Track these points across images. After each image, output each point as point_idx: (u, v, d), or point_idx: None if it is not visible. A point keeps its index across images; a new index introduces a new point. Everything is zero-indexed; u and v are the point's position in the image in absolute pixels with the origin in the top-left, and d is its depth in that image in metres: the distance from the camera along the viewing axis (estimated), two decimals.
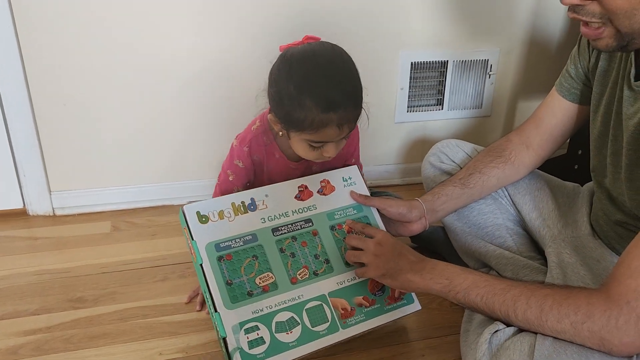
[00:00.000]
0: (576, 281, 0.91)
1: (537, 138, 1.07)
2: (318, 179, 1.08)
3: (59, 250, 1.38)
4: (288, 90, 0.93)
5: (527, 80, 1.70)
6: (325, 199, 1.07)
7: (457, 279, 0.85)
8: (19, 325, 1.12)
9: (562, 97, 1.03)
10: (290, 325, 0.95)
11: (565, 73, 1.03)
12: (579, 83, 1.00)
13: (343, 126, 0.94)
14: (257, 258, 0.98)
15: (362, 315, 1.01)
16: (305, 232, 1.03)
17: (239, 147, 1.09)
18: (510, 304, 0.79)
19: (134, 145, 1.50)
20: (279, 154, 1.10)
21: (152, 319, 1.14)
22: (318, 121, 0.92)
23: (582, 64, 0.99)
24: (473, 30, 1.60)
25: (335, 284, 1.01)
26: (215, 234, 0.97)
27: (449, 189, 1.07)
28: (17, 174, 1.47)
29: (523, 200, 1.12)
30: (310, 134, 0.95)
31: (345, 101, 0.92)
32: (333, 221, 1.06)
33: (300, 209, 1.05)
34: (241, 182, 1.12)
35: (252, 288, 0.96)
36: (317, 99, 0.91)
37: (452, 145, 1.20)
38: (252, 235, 0.99)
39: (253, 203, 1.02)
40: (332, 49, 0.97)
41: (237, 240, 0.98)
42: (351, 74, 0.96)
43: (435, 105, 1.67)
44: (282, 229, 1.02)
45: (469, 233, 1.14)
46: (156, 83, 1.44)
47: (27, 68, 1.36)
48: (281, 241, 1.01)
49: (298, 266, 1.00)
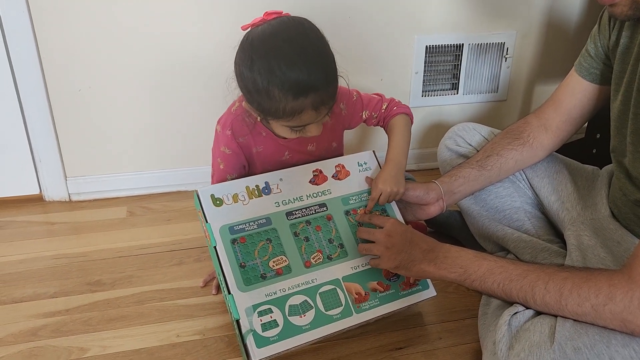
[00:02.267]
0: (596, 263, 0.90)
1: (556, 119, 1.05)
2: (333, 163, 1.07)
3: (75, 235, 1.39)
4: (254, 82, 0.88)
5: (544, 64, 1.68)
6: (340, 183, 1.07)
7: (471, 266, 0.85)
8: (39, 308, 1.13)
9: (582, 77, 1.01)
10: (303, 308, 0.95)
11: (584, 53, 1.01)
12: (599, 62, 0.99)
13: (319, 107, 0.90)
14: (271, 241, 0.98)
15: (377, 300, 1.00)
16: (319, 217, 1.03)
17: (222, 132, 1.04)
18: (528, 290, 0.78)
19: (149, 131, 1.50)
20: (265, 131, 1.05)
21: (169, 302, 1.15)
22: (291, 109, 0.88)
23: (602, 42, 0.97)
24: (489, 13, 1.57)
25: (349, 268, 1.01)
26: (230, 216, 0.97)
27: (466, 170, 1.06)
28: (34, 160, 1.48)
29: (541, 183, 1.10)
30: (287, 121, 0.92)
31: (315, 83, 0.86)
32: (348, 206, 1.05)
33: (315, 193, 1.04)
34: (233, 168, 1.07)
35: (266, 271, 0.96)
36: (284, 88, 0.86)
37: (469, 129, 1.19)
38: (266, 219, 0.99)
39: (267, 187, 1.01)
40: (294, 25, 0.90)
41: (251, 224, 0.98)
42: (317, 50, 0.89)
43: (451, 89, 1.66)
44: (296, 213, 1.02)
45: (487, 216, 1.13)
46: (171, 69, 1.44)
47: (42, 55, 1.37)
48: (295, 225, 1.01)
49: (312, 250, 1.00)
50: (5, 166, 1.47)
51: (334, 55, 0.92)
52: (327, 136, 1.10)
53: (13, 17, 1.31)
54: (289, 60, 0.86)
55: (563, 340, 0.73)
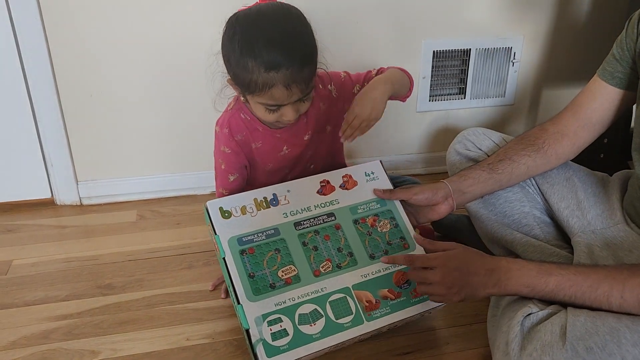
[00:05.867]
0: None
1: (574, 125, 1.04)
2: (340, 174, 1.08)
3: (86, 239, 1.41)
4: (234, 53, 0.93)
5: (552, 68, 1.68)
6: (348, 193, 1.07)
7: (538, 284, 0.83)
8: (50, 311, 1.15)
9: (605, 81, 1.00)
10: (313, 317, 0.95)
11: (609, 58, 1.00)
12: (624, 67, 0.97)
13: (291, 86, 0.91)
14: (280, 251, 0.98)
15: (388, 308, 0.99)
16: (327, 226, 1.03)
17: (221, 131, 1.08)
18: (604, 300, 0.78)
19: (159, 135, 1.52)
20: (261, 126, 1.07)
21: (179, 306, 1.16)
22: (262, 82, 0.91)
23: (629, 45, 0.96)
24: (496, 17, 1.58)
25: (359, 276, 1.00)
26: (238, 228, 0.98)
27: (476, 172, 1.06)
28: (45, 165, 1.50)
29: (551, 190, 1.10)
30: (260, 96, 0.94)
31: (287, 61, 0.89)
32: (356, 215, 1.06)
33: (323, 203, 1.05)
34: (233, 168, 1.10)
35: (275, 280, 0.96)
36: (257, 60, 0.90)
37: (479, 133, 1.19)
38: (274, 230, 1.00)
39: (275, 198, 1.02)
40: (280, 9, 0.95)
41: (259, 235, 0.99)
42: (296, 32, 0.93)
43: (458, 94, 1.66)
44: (304, 223, 1.02)
45: (495, 221, 1.13)
46: (182, 75, 1.46)
47: (54, 60, 1.39)
48: (303, 235, 1.01)
49: (321, 259, 1.00)
50: (18, 170, 1.49)
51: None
52: (321, 120, 1.12)
53: (26, 23, 1.33)
54: (268, 36, 0.91)
55: (575, 340, 0.74)
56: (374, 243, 1.04)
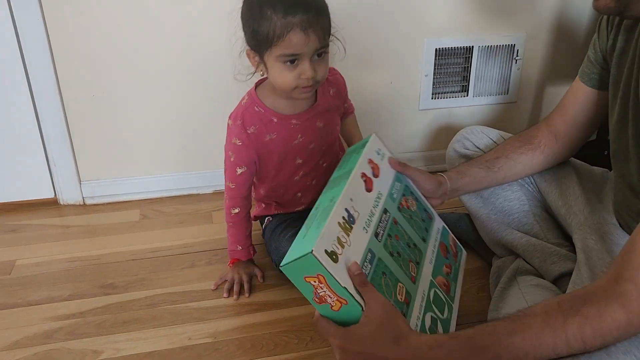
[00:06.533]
0: (601, 267, 0.89)
1: (563, 126, 1.05)
2: (365, 161, 0.97)
3: (89, 238, 1.41)
4: (252, 8, 0.98)
5: (554, 66, 1.67)
6: (379, 181, 0.96)
7: None
8: (53, 311, 1.16)
9: (583, 83, 1.01)
10: (434, 324, 0.87)
11: (586, 59, 1.01)
12: (597, 67, 0.98)
13: (308, 31, 0.95)
14: (385, 274, 0.84)
15: (452, 281, 0.97)
16: (391, 225, 0.91)
17: (234, 124, 1.10)
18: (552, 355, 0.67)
19: (162, 135, 1.52)
20: (275, 116, 1.10)
21: (181, 305, 1.17)
22: (281, 26, 0.94)
23: (601, 47, 0.96)
24: (499, 14, 1.57)
25: (429, 264, 0.94)
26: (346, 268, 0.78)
27: (474, 170, 1.06)
28: (48, 164, 1.51)
29: (549, 188, 1.10)
30: (278, 47, 0.96)
31: (305, 7, 0.95)
32: (395, 202, 0.96)
33: (375, 201, 0.92)
34: (242, 160, 1.11)
35: (401, 308, 0.82)
36: (276, 7, 0.94)
37: (477, 132, 1.19)
38: (370, 253, 0.83)
39: (349, 214, 0.85)
40: None
41: (366, 265, 0.81)
42: None
43: (460, 91, 1.66)
44: (378, 232, 0.88)
45: (495, 220, 1.13)
46: (184, 73, 1.46)
47: (56, 60, 1.39)
48: (386, 245, 0.87)
49: (406, 263, 0.89)
50: (21, 170, 1.50)
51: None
52: (332, 115, 1.16)
53: (28, 24, 1.34)
54: None
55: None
56: (417, 225, 0.98)
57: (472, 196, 1.15)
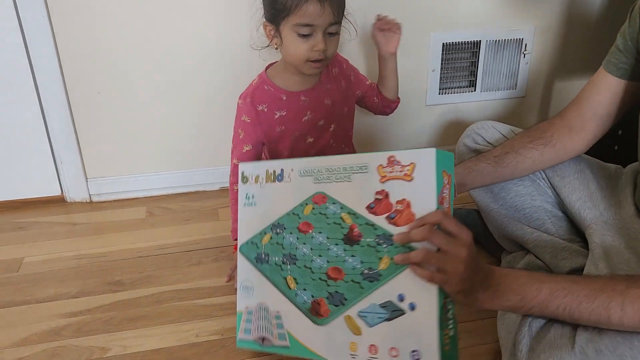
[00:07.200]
0: (620, 264, 0.88)
1: (579, 119, 1.02)
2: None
3: (96, 236, 1.41)
4: None
5: (564, 59, 1.65)
6: None
7: (529, 292, 0.75)
8: (61, 308, 1.16)
9: (609, 73, 0.98)
10: None
11: (613, 49, 0.98)
12: (628, 57, 0.95)
13: (324, 3, 0.99)
14: None
15: None
16: None
17: (243, 102, 1.13)
18: (603, 313, 0.71)
19: (168, 132, 1.52)
20: (284, 93, 1.13)
21: (188, 302, 1.16)
22: None
23: (631, 35, 0.94)
24: (506, 8, 1.55)
25: None
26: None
27: (482, 165, 1.04)
28: (55, 162, 1.51)
29: (562, 182, 1.08)
30: (294, 16, 1.00)
31: None
32: None
33: None
34: (250, 138, 1.14)
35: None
36: None
37: (488, 127, 1.17)
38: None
39: None
40: None
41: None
42: None
43: (468, 86, 1.64)
44: None
45: (505, 215, 1.12)
46: (190, 71, 1.45)
47: (61, 58, 1.39)
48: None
49: None
50: (28, 168, 1.50)
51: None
52: (340, 97, 1.19)
53: (33, 21, 1.34)
54: None
55: (584, 342, 0.72)
56: None
57: (482, 191, 1.14)
